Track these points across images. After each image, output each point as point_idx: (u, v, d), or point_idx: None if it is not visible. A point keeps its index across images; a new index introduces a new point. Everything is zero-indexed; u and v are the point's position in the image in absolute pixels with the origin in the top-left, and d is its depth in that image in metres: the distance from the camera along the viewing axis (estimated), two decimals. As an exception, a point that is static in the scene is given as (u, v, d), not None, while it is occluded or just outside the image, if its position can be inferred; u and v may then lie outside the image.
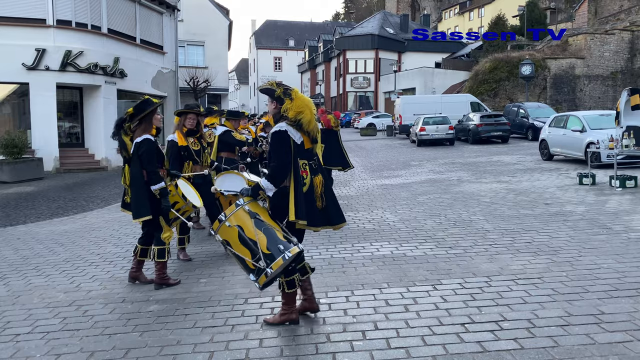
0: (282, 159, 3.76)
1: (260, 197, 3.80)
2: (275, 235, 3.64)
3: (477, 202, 9.01)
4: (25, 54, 16.70)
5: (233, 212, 3.72)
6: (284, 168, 3.77)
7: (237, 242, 3.66)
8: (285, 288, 3.91)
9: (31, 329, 4.22)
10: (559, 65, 32.92)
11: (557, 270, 5.06)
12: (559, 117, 15.41)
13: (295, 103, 3.81)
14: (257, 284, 3.64)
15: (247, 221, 3.66)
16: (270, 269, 3.54)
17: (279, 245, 3.59)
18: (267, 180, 3.77)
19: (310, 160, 3.91)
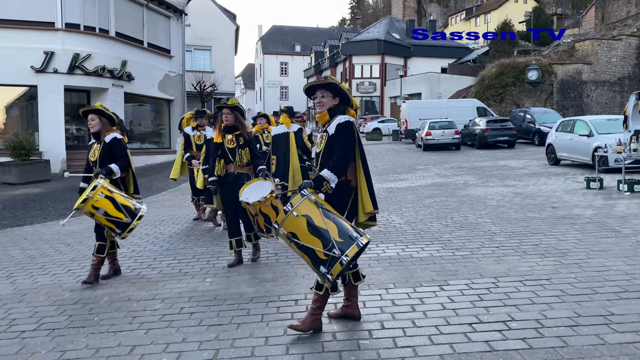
0: (347, 150, 3.72)
1: (323, 189, 3.68)
2: (344, 224, 3.52)
3: (484, 205, 8.97)
4: (33, 56, 16.84)
5: (300, 201, 3.54)
6: (347, 159, 3.73)
7: (306, 232, 3.46)
8: (352, 280, 3.90)
9: (37, 326, 4.22)
10: (565, 70, 32.83)
11: (565, 271, 5.01)
12: (565, 121, 15.34)
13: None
14: (330, 275, 3.39)
15: (315, 210, 3.51)
16: (346, 256, 3.37)
17: (350, 234, 3.46)
18: (330, 171, 3.67)
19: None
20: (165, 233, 7.98)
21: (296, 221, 3.49)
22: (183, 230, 8.15)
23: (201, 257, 6.29)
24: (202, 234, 7.73)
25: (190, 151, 8.47)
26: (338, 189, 3.75)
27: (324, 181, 3.67)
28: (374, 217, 4.06)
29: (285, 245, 6.67)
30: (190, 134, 8.51)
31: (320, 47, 60.72)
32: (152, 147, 21.80)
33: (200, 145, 8.45)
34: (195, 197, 8.66)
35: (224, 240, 7.25)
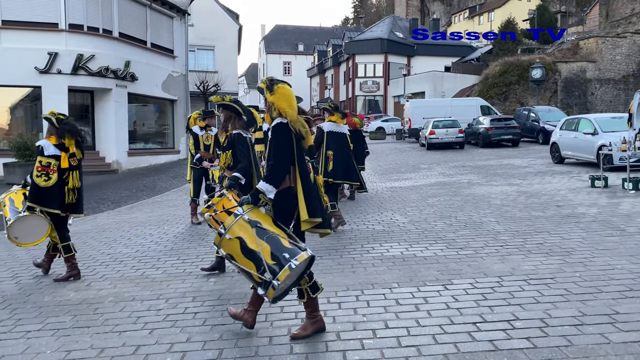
0: (281, 156, 3.45)
1: (262, 202, 3.50)
2: (279, 243, 3.33)
3: (488, 204, 8.94)
4: (37, 57, 16.88)
5: (232, 223, 3.41)
6: (283, 166, 3.46)
7: (241, 254, 3.36)
8: (310, 293, 3.62)
9: (42, 326, 4.24)
10: (569, 68, 32.69)
11: (569, 270, 4.99)
12: (570, 120, 15.29)
13: (274, 97, 3.53)
14: (267, 297, 3.33)
15: (248, 231, 3.36)
16: (277, 280, 3.22)
17: (284, 254, 3.27)
18: (265, 182, 3.45)
19: (311, 159, 3.71)
20: (169, 233, 8.00)
21: (230, 244, 3.39)
22: (187, 230, 8.16)
23: (205, 257, 6.30)
24: (205, 234, 7.74)
25: (199, 151, 8.45)
26: (280, 197, 3.53)
27: (260, 193, 3.45)
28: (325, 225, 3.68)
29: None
30: (199, 134, 8.48)
31: (323, 47, 60.69)
32: (156, 147, 21.83)
33: (208, 146, 8.43)
34: (195, 199, 8.59)
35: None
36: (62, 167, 5.43)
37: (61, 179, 5.42)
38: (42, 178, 5.33)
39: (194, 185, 8.55)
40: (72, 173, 5.51)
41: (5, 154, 16.43)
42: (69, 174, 5.48)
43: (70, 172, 5.48)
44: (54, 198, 5.38)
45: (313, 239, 6.96)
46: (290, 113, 3.51)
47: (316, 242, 6.73)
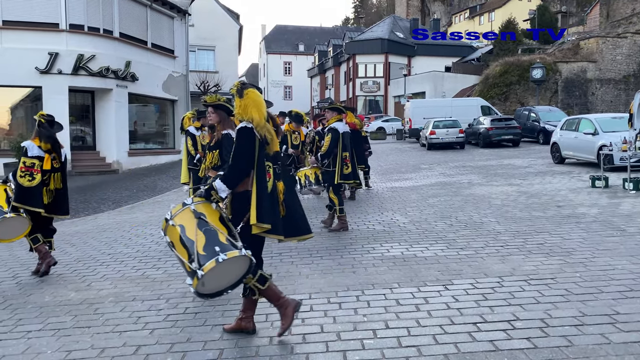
0: (241, 159, 3.50)
1: (213, 198, 3.55)
2: (216, 237, 3.36)
3: (488, 205, 8.94)
4: (38, 58, 16.90)
5: (179, 211, 3.50)
6: (241, 168, 3.51)
7: (179, 242, 3.41)
8: (260, 286, 3.63)
9: (42, 326, 4.24)
10: (570, 68, 32.68)
11: (570, 271, 4.99)
12: (570, 120, 15.29)
13: (243, 102, 3.56)
14: (192, 288, 3.29)
15: (190, 221, 3.42)
16: (202, 270, 3.21)
17: (216, 247, 3.28)
18: (220, 181, 3.51)
19: (274, 164, 3.64)
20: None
21: (173, 230, 3.45)
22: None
23: (205, 257, 6.30)
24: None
25: (198, 152, 8.43)
26: (237, 199, 3.59)
27: (213, 190, 3.52)
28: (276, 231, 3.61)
29: (288, 245, 6.69)
30: (196, 134, 8.47)
31: (323, 47, 60.68)
32: (157, 148, 21.85)
33: (204, 146, 8.41)
34: None
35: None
36: (45, 168, 5.55)
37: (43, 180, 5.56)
38: (26, 178, 5.47)
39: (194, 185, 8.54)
40: (54, 175, 5.64)
41: (6, 154, 16.44)
42: (50, 176, 5.62)
43: (52, 174, 5.62)
44: (38, 197, 5.52)
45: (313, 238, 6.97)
46: (258, 118, 3.54)
47: (316, 242, 6.74)
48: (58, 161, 5.69)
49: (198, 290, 3.33)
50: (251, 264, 3.43)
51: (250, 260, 3.41)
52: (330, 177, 7.37)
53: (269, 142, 3.60)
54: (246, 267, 3.45)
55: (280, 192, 3.64)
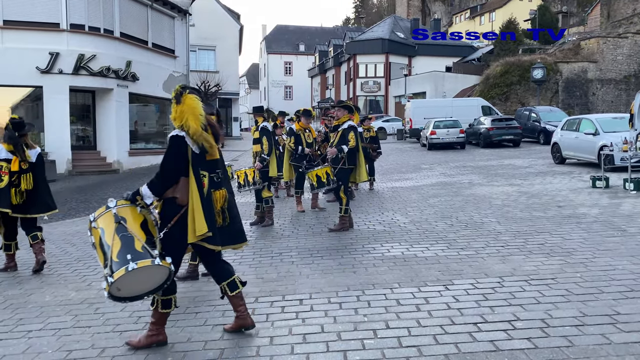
0: (168, 166, 3.49)
1: (138, 203, 3.52)
2: (131, 244, 3.33)
3: (489, 205, 8.94)
4: (39, 57, 16.90)
5: (102, 213, 3.49)
6: (168, 176, 3.49)
7: (98, 245, 3.43)
8: (160, 307, 3.60)
9: (43, 326, 4.24)
10: (571, 69, 32.67)
11: (570, 271, 4.99)
12: (571, 120, 15.28)
13: (179, 108, 3.51)
14: (105, 292, 3.31)
15: (110, 225, 3.41)
16: (112, 277, 3.22)
17: (128, 255, 3.27)
18: (147, 187, 3.50)
19: (212, 173, 3.59)
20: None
21: (95, 232, 3.47)
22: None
23: (206, 257, 6.30)
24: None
25: None
26: (165, 205, 3.57)
27: (138, 195, 3.50)
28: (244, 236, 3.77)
29: (288, 245, 6.69)
30: None
31: (324, 47, 60.66)
32: (157, 147, 21.83)
33: None
34: None
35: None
36: (12, 170, 5.73)
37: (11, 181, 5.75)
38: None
39: None
40: (24, 176, 5.81)
41: (7, 154, 16.42)
42: (20, 177, 5.78)
43: (21, 175, 5.78)
44: (5, 198, 5.71)
45: (314, 238, 6.97)
46: (194, 127, 3.48)
47: (317, 242, 6.75)
48: (26, 162, 5.87)
49: (112, 293, 3.33)
50: (170, 273, 3.41)
51: (169, 269, 3.39)
52: (346, 176, 7.31)
53: (207, 151, 3.55)
54: (164, 275, 3.42)
55: (218, 201, 3.59)
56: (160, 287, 3.48)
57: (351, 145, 7.14)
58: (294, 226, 8.01)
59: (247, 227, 8.07)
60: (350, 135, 7.16)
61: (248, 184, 7.81)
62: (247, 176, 7.81)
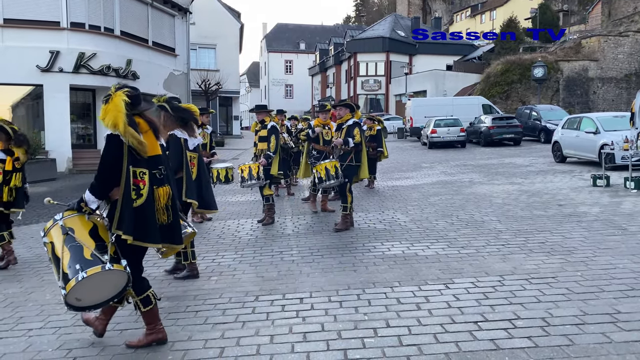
0: (105, 168, 3.40)
1: (85, 210, 3.45)
2: (80, 253, 3.30)
3: (490, 203, 8.93)
4: (39, 56, 16.91)
5: (50, 227, 3.46)
6: (106, 177, 3.41)
7: (51, 258, 3.43)
8: (141, 307, 3.59)
9: (43, 324, 4.24)
10: (571, 67, 32.63)
11: (571, 270, 4.99)
12: (572, 118, 15.27)
13: (106, 107, 3.42)
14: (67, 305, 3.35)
15: (58, 237, 3.38)
16: (64, 290, 3.24)
17: (77, 265, 3.24)
18: (88, 192, 3.42)
19: (153, 169, 3.51)
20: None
21: (48, 247, 3.46)
22: (188, 229, 8.15)
23: (206, 256, 6.30)
24: (207, 233, 7.75)
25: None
26: (111, 207, 3.49)
27: (83, 202, 3.44)
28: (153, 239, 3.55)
29: (289, 244, 6.69)
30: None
31: (325, 45, 60.57)
32: (158, 146, 21.86)
33: (204, 144, 8.46)
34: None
35: (229, 238, 7.27)
36: (7, 169, 6.05)
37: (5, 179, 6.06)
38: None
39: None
40: (15, 174, 6.14)
41: (7, 152, 16.44)
42: (12, 175, 6.11)
43: (13, 174, 6.12)
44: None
45: (314, 237, 6.97)
46: (120, 126, 3.36)
47: (317, 241, 6.75)
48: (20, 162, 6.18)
49: (72, 304, 3.34)
50: (128, 275, 3.40)
51: (125, 272, 3.37)
52: (353, 172, 7.32)
53: (136, 148, 3.42)
54: (123, 277, 3.40)
55: (162, 197, 3.53)
56: (123, 291, 3.47)
57: (356, 140, 7.20)
58: (295, 225, 8.01)
59: (252, 225, 8.08)
60: (355, 131, 7.23)
61: (252, 178, 7.79)
62: (252, 170, 7.79)
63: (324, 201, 9.18)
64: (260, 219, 8.34)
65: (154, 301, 3.64)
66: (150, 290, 3.64)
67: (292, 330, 3.82)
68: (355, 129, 7.24)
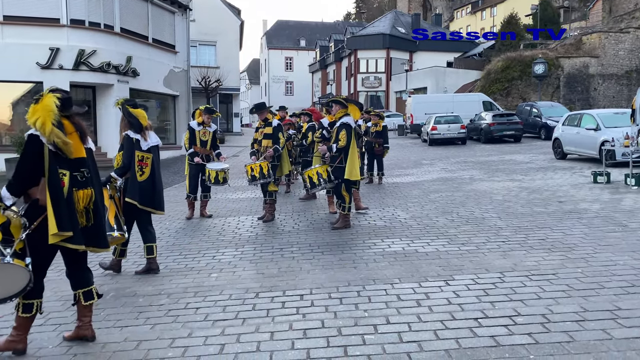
0: (22, 166, 3.45)
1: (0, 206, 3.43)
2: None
3: (490, 200, 8.93)
4: (39, 53, 16.88)
5: None
6: (23, 176, 3.45)
7: None
8: (20, 311, 3.56)
9: (44, 321, 4.24)
10: (572, 64, 32.57)
11: (571, 266, 4.98)
12: (572, 115, 15.24)
13: (34, 107, 3.46)
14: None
15: None
16: None
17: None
18: (5, 189, 3.43)
19: (75, 172, 3.54)
20: (171, 228, 8.01)
21: None
22: (188, 226, 8.17)
23: (207, 253, 6.31)
24: (207, 230, 7.75)
25: (194, 147, 8.48)
26: (29, 206, 3.55)
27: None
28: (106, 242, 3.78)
29: (289, 241, 6.69)
30: (196, 129, 8.51)
31: (325, 42, 60.49)
32: (158, 143, 21.84)
33: (205, 141, 8.48)
34: (191, 195, 8.61)
35: (230, 235, 7.27)
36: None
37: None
38: None
39: (190, 181, 8.58)
40: None
41: (7, 150, 16.45)
42: None
43: None
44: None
45: (314, 234, 6.97)
46: (47, 125, 3.39)
47: (317, 238, 6.75)
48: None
49: None
50: (29, 274, 3.39)
51: (27, 270, 3.38)
52: (342, 174, 7.14)
53: (62, 148, 3.46)
54: (24, 275, 3.38)
55: (81, 200, 3.56)
56: (23, 291, 3.45)
57: (340, 144, 7.02)
58: (295, 222, 8.01)
59: (252, 222, 8.08)
60: (341, 134, 7.04)
61: (263, 177, 7.82)
62: (262, 169, 7.81)
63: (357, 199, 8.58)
64: (261, 216, 8.33)
65: (34, 312, 3.60)
66: (39, 300, 3.62)
67: (292, 327, 3.82)
68: (342, 132, 7.03)
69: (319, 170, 7.33)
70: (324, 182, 7.31)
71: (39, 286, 3.60)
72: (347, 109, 7.30)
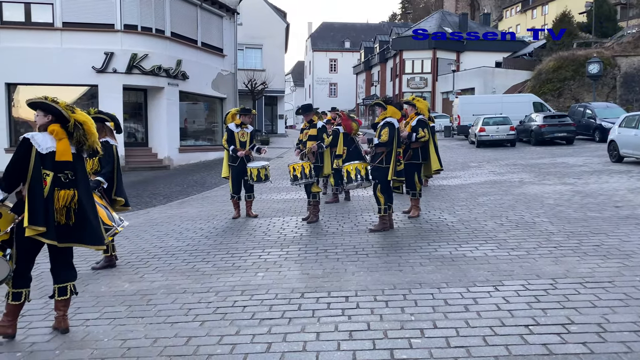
0: (13, 165, 3.77)
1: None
2: None
3: (541, 204, 8.66)
4: (94, 57, 17.60)
5: None
6: (10, 175, 3.77)
7: None
8: (10, 299, 3.85)
9: (99, 315, 4.42)
10: (630, 63, 31.15)
11: (629, 274, 4.77)
12: (630, 116, 14.58)
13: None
14: None
15: None
16: None
17: None
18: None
19: (59, 173, 3.82)
20: (218, 227, 8.18)
21: None
22: (235, 225, 8.32)
23: (253, 252, 6.40)
24: (253, 229, 7.86)
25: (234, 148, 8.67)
26: (18, 202, 3.86)
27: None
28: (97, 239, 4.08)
29: (333, 242, 6.70)
30: (235, 131, 8.66)
31: (369, 43, 60.27)
32: (206, 144, 22.34)
33: (243, 142, 8.61)
34: (235, 195, 8.77)
35: (275, 235, 7.35)
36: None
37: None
38: None
39: (232, 182, 8.73)
40: None
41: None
42: None
43: None
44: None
45: (359, 236, 6.96)
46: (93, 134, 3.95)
47: (361, 240, 6.73)
48: None
49: None
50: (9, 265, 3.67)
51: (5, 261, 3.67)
52: (382, 174, 7.06)
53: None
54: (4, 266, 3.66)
55: (61, 199, 3.80)
56: (5, 279, 3.72)
57: (382, 139, 6.98)
58: (339, 223, 8.02)
59: (297, 222, 8.14)
60: (383, 131, 7.02)
61: (305, 177, 7.90)
62: (304, 169, 7.90)
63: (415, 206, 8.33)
64: (305, 216, 8.39)
65: (23, 300, 3.88)
66: (27, 289, 3.90)
67: (337, 328, 3.83)
68: (385, 129, 6.99)
69: (358, 167, 7.31)
70: (360, 178, 7.29)
71: (26, 277, 3.90)
72: (387, 111, 7.25)
